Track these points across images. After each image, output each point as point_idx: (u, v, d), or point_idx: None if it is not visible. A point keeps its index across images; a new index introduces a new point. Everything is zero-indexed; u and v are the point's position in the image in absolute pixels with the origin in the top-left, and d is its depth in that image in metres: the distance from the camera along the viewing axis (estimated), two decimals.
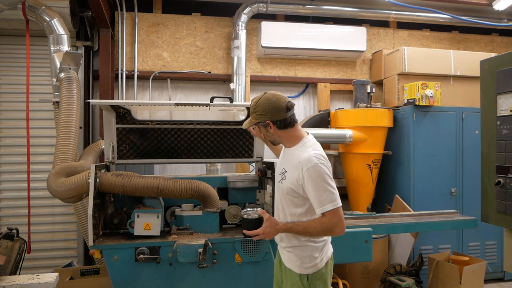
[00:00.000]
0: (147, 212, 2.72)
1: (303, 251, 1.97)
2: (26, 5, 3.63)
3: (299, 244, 1.98)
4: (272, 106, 1.94)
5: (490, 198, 2.49)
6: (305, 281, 1.96)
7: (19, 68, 4.14)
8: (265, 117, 1.95)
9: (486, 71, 2.53)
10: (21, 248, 2.91)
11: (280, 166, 2.08)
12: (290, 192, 1.96)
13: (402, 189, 4.41)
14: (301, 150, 1.97)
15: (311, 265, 1.97)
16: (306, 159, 1.88)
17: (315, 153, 1.91)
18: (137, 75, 4.48)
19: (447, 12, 4.80)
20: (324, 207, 1.84)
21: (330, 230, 1.87)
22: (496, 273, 4.57)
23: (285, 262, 2.07)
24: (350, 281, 3.84)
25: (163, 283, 2.65)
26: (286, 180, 1.98)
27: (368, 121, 4.39)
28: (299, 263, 1.97)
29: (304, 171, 1.87)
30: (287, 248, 2.03)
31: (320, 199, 1.85)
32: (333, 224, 1.85)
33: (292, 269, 2.00)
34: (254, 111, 1.98)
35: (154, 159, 3.18)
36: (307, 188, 1.88)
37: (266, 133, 2.04)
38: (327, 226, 1.85)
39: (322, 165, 1.87)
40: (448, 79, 4.74)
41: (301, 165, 1.89)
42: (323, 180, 1.85)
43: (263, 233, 1.92)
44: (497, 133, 2.42)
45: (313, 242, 1.97)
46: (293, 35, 4.61)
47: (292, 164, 1.97)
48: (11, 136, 4.18)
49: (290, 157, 2.00)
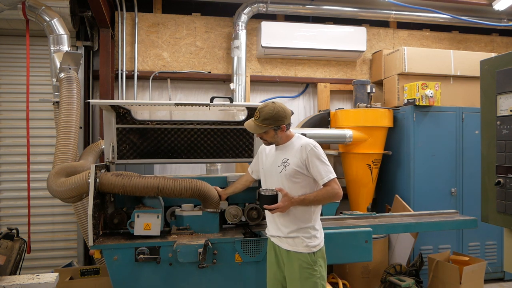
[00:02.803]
0: (147, 212, 2.72)
1: (306, 232, 2.34)
2: (26, 5, 3.63)
3: (303, 227, 2.33)
4: (286, 112, 2.38)
5: (490, 198, 2.49)
6: (312, 257, 2.32)
7: (19, 68, 4.14)
8: (281, 122, 2.35)
9: (486, 71, 2.53)
10: (21, 248, 2.92)
11: (279, 159, 2.40)
12: (294, 174, 2.33)
13: (402, 189, 4.41)
14: (298, 140, 2.42)
15: (316, 244, 2.35)
16: (307, 143, 2.35)
17: (311, 140, 2.40)
18: (137, 75, 4.48)
19: (447, 12, 4.80)
20: (328, 177, 2.29)
21: (334, 195, 2.30)
22: (496, 273, 4.57)
23: (288, 248, 2.35)
24: (350, 281, 3.84)
25: (163, 283, 2.65)
26: (290, 166, 2.34)
27: (368, 121, 4.39)
28: (306, 243, 2.32)
29: (308, 150, 2.31)
30: (292, 233, 2.34)
31: (323, 171, 2.30)
32: (336, 190, 2.30)
33: (299, 251, 2.32)
34: (271, 117, 2.32)
35: (154, 159, 3.18)
36: (311, 164, 2.30)
37: (274, 136, 2.39)
38: (331, 192, 2.30)
39: (319, 147, 2.37)
40: (448, 79, 4.74)
41: (304, 148, 2.33)
42: (322, 158, 2.33)
43: (282, 206, 2.26)
44: (497, 133, 2.42)
45: (313, 225, 2.36)
46: (293, 35, 4.61)
47: (293, 151, 2.37)
48: (11, 136, 4.19)
49: (289, 148, 2.40)
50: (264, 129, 2.36)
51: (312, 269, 2.31)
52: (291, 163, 2.34)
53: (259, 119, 2.35)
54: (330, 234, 2.90)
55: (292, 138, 2.44)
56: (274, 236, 2.45)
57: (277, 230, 2.40)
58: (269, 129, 2.35)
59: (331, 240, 2.88)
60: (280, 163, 2.38)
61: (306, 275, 2.29)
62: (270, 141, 2.43)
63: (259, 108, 2.36)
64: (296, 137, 2.45)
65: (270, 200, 2.29)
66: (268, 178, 2.48)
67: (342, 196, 2.34)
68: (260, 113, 2.34)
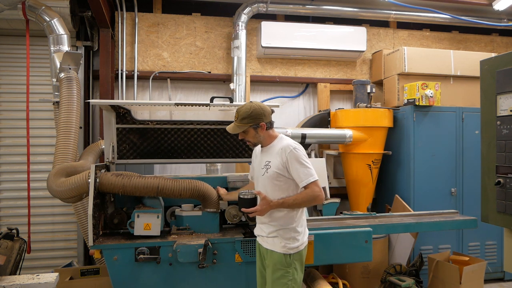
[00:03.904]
0: (147, 212, 2.73)
1: (286, 233, 2.33)
2: (26, 5, 3.63)
3: (283, 227, 2.33)
4: (264, 110, 2.37)
5: (490, 198, 2.49)
6: (287, 259, 2.31)
7: (19, 68, 4.14)
8: (259, 120, 2.35)
9: (486, 71, 2.53)
10: (21, 248, 2.92)
11: (263, 160, 2.42)
12: (276, 176, 2.33)
13: (402, 189, 4.41)
14: (280, 142, 2.40)
15: (294, 246, 2.32)
16: (287, 145, 2.33)
17: (292, 141, 2.38)
18: (137, 75, 4.48)
19: (447, 12, 4.80)
20: (308, 179, 2.26)
21: (314, 198, 2.27)
22: (496, 273, 4.57)
23: (267, 247, 2.37)
24: (350, 281, 3.83)
25: (163, 283, 2.65)
26: (271, 168, 2.34)
27: (368, 121, 4.39)
28: (284, 243, 2.31)
29: (287, 153, 2.29)
30: (272, 233, 2.35)
31: (302, 174, 2.27)
32: (316, 193, 2.26)
33: (276, 250, 2.32)
34: (249, 116, 2.33)
35: (154, 159, 3.18)
36: (291, 167, 2.28)
37: (255, 135, 2.38)
38: (311, 195, 2.26)
39: (300, 149, 2.34)
40: (448, 79, 4.74)
41: (283, 150, 2.31)
42: (302, 160, 2.29)
43: (260, 210, 2.26)
44: (497, 133, 2.42)
45: (295, 227, 2.35)
46: (293, 35, 4.61)
47: (274, 153, 2.36)
48: (11, 136, 4.19)
49: (271, 150, 2.40)
50: (242, 128, 2.36)
51: (285, 270, 2.31)
52: (272, 166, 2.34)
53: (237, 119, 2.36)
54: (330, 234, 2.91)
55: (275, 140, 2.43)
56: (258, 236, 2.50)
57: (260, 230, 2.45)
58: (249, 128, 2.35)
59: (331, 240, 2.89)
60: (263, 165, 2.40)
61: (278, 275, 2.31)
62: (253, 142, 2.43)
63: (237, 109, 2.38)
64: (278, 139, 2.43)
65: (248, 203, 2.30)
66: (255, 181, 2.51)
67: (323, 199, 2.30)
68: (238, 113, 2.36)
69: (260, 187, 2.41)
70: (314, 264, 2.90)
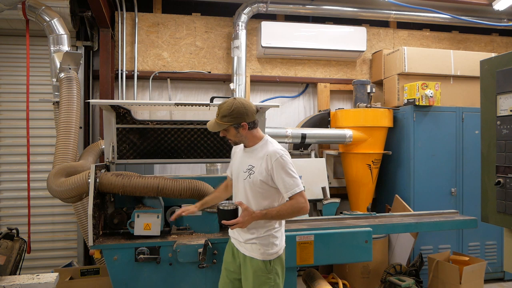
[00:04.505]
0: (147, 212, 2.72)
1: (265, 240, 2.23)
2: (26, 5, 3.63)
3: (262, 235, 2.23)
4: (247, 109, 2.19)
5: (490, 198, 2.49)
6: (268, 266, 2.23)
7: (19, 68, 4.14)
8: (241, 119, 2.18)
9: (486, 71, 2.53)
10: (21, 248, 2.91)
11: (245, 163, 2.27)
12: (259, 184, 2.19)
13: (402, 189, 4.41)
14: (265, 146, 2.24)
15: (273, 251, 2.24)
16: (273, 152, 2.17)
17: (279, 147, 2.22)
18: (137, 75, 4.48)
19: (447, 12, 4.80)
20: (293, 190, 2.13)
21: (298, 210, 2.15)
22: (496, 273, 4.57)
23: (246, 253, 2.28)
24: (350, 281, 3.83)
25: (163, 283, 2.65)
26: (254, 174, 2.20)
27: (368, 121, 4.39)
28: (263, 251, 2.23)
29: (273, 161, 2.15)
30: (250, 240, 2.25)
31: (288, 184, 2.14)
32: (301, 204, 2.14)
33: (256, 257, 2.24)
34: (230, 114, 2.16)
35: (154, 159, 3.18)
36: (276, 175, 2.15)
37: (236, 134, 2.22)
38: (296, 207, 2.14)
39: (287, 156, 2.19)
40: (448, 79, 4.74)
41: (269, 157, 2.16)
42: (289, 168, 2.16)
43: (242, 222, 2.12)
44: (497, 133, 2.42)
45: (272, 233, 2.25)
46: (293, 35, 4.61)
47: (258, 157, 2.22)
48: (11, 136, 4.18)
49: (255, 153, 2.24)
50: (222, 127, 2.19)
51: (267, 277, 2.22)
52: (255, 172, 2.19)
53: (218, 116, 2.19)
54: (330, 234, 2.90)
55: (260, 141, 2.27)
56: (234, 238, 2.39)
57: (237, 235, 2.34)
58: (229, 126, 2.18)
59: (331, 240, 2.88)
60: (245, 168, 2.25)
61: (260, 282, 2.22)
62: (235, 141, 2.27)
63: (219, 105, 2.22)
64: (264, 141, 2.27)
65: (229, 215, 2.15)
66: (235, 182, 2.35)
67: (308, 211, 2.18)
68: (219, 109, 2.19)
69: (240, 190, 2.29)
70: (314, 264, 2.90)
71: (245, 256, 2.29)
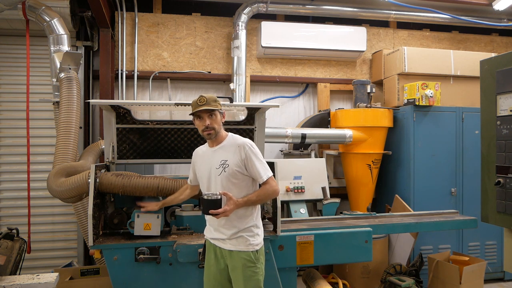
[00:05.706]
0: (147, 212, 2.72)
1: (249, 231, 2.35)
2: (26, 5, 3.64)
3: (246, 226, 2.34)
4: None
5: (490, 198, 2.49)
6: (255, 255, 2.35)
7: (19, 68, 4.14)
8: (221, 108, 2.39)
9: (486, 71, 2.53)
10: (21, 248, 2.92)
11: (216, 161, 2.36)
12: (234, 174, 2.32)
13: (402, 189, 4.41)
14: (233, 140, 2.41)
15: (258, 242, 2.37)
16: (244, 143, 2.36)
17: (246, 139, 2.41)
18: (137, 75, 4.48)
19: (447, 12, 4.80)
20: (266, 175, 2.34)
21: (272, 192, 2.37)
22: (496, 273, 4.57)
23: (231, 249, 2.34)
24: (350, 281, 3.84)
25: (163, 283, 2.65)
26: (230, 167, 2.33)
27: (368, 121, 4.39)
28: (249, 242, 2.33)
29: (247, 149, 2.33)
30: (236, 234, 2.33)
31: (261, 170, 2.33)
32: (274, 187, 2.36)
33: (242, 250, 2.33)
34: (216, 100, 2.36)
35: (154, 159, 3.18)
36: (250, 164, 2.32)
37: (219, 121, 2.38)
38: (270, 190, 2.35)
39: (256, 146, 2.41)
40: (448, 79, 4.74)
41: (241, 148, 2.34)
42: (260, 156, 2.37)
43: (228, 210, 2.21)
44: (497, 133, 2.42)
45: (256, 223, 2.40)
46: (293, 35, 4.61)
47: (230, 151, 2.36)
48: (11, 136, 4.18)
49: (225, 149, 2.38)
50: (219, 106, 2.35)
51: (255, 267, 2.33)
52: (230, 164, 2.32)
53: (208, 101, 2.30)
54: (330, 234, 2.91)
55: (226, 138, 2.42)
56: (214, 239, 2.40)
57: (219, 233, 2.36)
58: (217, 111, 2.35)
59: (331, 240, 2.89)
60: (218, 165, 2.34)
61: (249, 273, 2.31)
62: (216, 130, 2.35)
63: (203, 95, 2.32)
64: (230, 137, 2.43)
65: (214, 205, 2.20)
66: (206, 182, 2.39)
67: (279, 192, 2.43)
68: (206, 98, 2.31)
69: (217, 187, 2.33)
70: (314, 264, 2.91)
71: (231, 252, 2.34)
